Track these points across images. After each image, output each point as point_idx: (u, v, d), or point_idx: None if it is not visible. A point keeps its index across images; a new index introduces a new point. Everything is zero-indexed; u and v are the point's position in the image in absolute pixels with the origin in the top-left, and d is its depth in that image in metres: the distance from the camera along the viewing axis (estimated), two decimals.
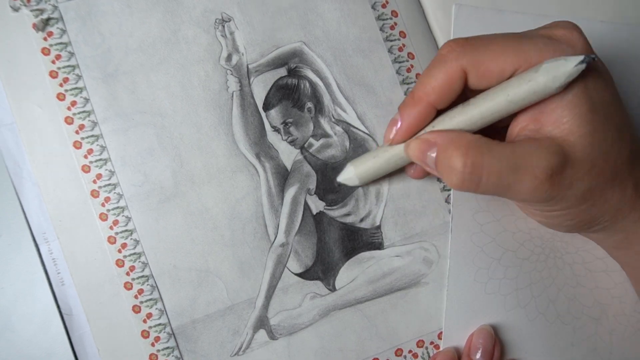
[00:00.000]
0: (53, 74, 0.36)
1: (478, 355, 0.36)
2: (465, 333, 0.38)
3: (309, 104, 0.39)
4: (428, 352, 0.38)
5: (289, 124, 0.38)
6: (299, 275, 0.38)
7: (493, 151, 0.29)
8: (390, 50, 0.40)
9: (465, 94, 0.32)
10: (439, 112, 0.32)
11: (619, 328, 0.39)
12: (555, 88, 0.28)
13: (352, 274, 0.38)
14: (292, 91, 0.38)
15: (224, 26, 0.38)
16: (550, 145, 0.29)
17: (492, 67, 0.30)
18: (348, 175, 0.36)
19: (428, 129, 0.32)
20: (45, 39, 0.36)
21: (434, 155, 0.31)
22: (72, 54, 0.36)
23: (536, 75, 0.28)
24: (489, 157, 0.29)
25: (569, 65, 0.28)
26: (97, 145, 0.36)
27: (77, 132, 0.36)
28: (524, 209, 0.36)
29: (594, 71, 0.30)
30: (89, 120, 0.36)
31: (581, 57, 0.28)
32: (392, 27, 0.40)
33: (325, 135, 0.39)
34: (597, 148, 0.30)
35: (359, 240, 0.38)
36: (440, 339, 0.38)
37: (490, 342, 0.37)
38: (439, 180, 0.39)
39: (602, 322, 0.39)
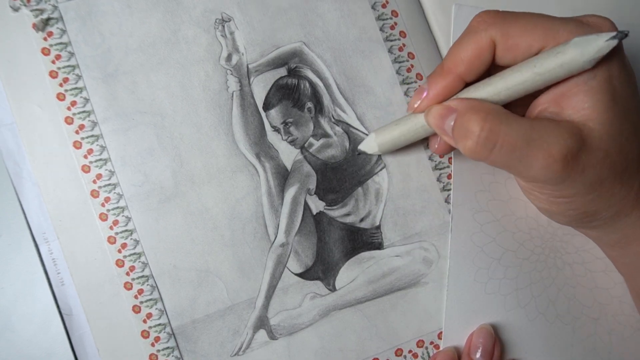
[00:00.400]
0: (53, 74, 0.36)
1: (478, 355, 0.36)
2: (465, 333, 0.38)
3: (309, 104, 0.39)
4: (428, 352, 0.38)
5: (289, 124, 0.38)
6: (299, 275, 0.38)
7: (511, 121, 0.29)
8: (390, 50, 0.40)
9: (490, 72, 0.32)
10: (466, 86, 0.32)
11: (618, 328, 0.39)
12: (583, 62, 0.28)
13: (352, 274, 0.38)
14: (292, 91, 0.38)
15: (224, 26, 0.38)
16: (568, 127, 0.29)
17: (521, 41, 0.30)
18: (369, 144, 0.36)
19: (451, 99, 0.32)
20: (45, 39, 0.36)
21: (452, 123, 0.31)
22: (72, 54, 0.36)
23: (565, 48, 0.28)
24: (506, 126, 0.29)
25: (600, 40, 0.27)
26: (97, 145, 0.36)
27: (77, 132, 0.36)
28: (529, 192, 0.35)
29: (620, 62, 0.30)
30: (89, 120, 0.36)
31: (613, 33, 0.27)
32: (392, 27, 0.40)
33: (325, 135, 0.39)
34: (613, 139, 0.29)
35: (359, 240, 0.38)
36: (440, 338, 0.38)
37: (490, 341, 0.37)
38: (439, 180, 0.39)
39: (602, 322, 0.39)
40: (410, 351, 0.38)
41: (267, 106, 0.38)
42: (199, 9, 0.38)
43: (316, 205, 0.38)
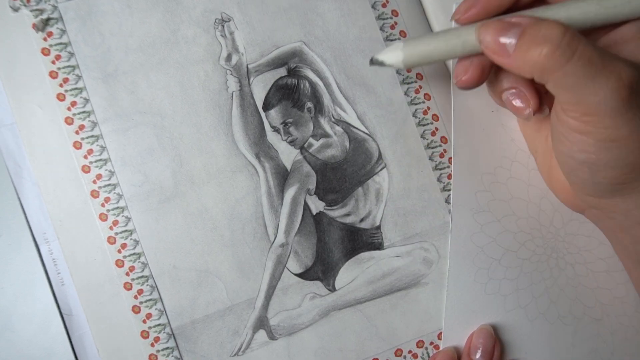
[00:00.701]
0: (53, 74, 0.36)
1: (478, 355, 0.36)
2: (465, 333, 0.38)
3: (309, 104, 0.39)
4: (428, 353, 0.38)
5: (289, 124, 0.38)
6: (299, 275, 0.37)
7: (587, 39, 0.28)
8: None
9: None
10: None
11: (620, 329, 0.39)
12: None
13: (352, 274, 0.38)
14: (291, 91, 0.38)
15: (223, 26, 0.38)
16: (630, 62, 0.28)
17: None
18: (394, 53, 0.31)
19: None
20: (45, 39, 0.36)
21: (512, 40, 0.29)
22: (72, 54, 0.36)
23: None
24: (584, 40, 0.28)
25: None
26: (97, 145, 0.36)
27: (77, 133, 0.36)
28: (570, 140, 0.31)
29: None
30: (89, 121, 0.36)
31: None
32: (392, 27, 0.40)
33: (325, 135, 0.39)
34: None
35: (359, 240, 0.38)
36: (440, 339, 0.38)
37: (490, 341, 0.37)
38: (439, 180, 0.39)
39: (604, 323, 0.39)
40: (410, 351, 0.38)
41: (266, 106, 0.38)
42: (199, 9, 0.38)
43: (316, 205, 0.38)
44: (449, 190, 0.39)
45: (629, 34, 0.29)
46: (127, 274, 0.36)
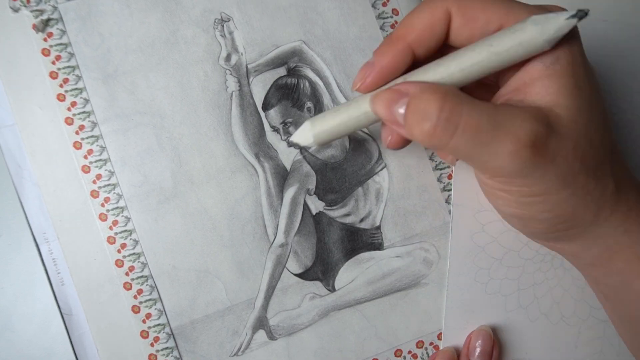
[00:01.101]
0: (53, 75, 0.36)
1: (476, 356, 0.36)
2: (465, 333, 0.37)
3: (309, 104, 0.38)
4: (428, 353, 0.38)
5: (289, 124, 0.38)
6: (299, 275, 0.37)
7: (474, 103, 0.26)
8: None
9: (443, 52, 0.29)
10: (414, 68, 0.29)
11: None
12: (542, 41, 0.26)
13: (352, 275, 0.38)
14: (291, 91, 0.38)
15: (223, 26, 0.38)
16: (536, 112, 0.26)
17: (479, 15, 0.27)
18: (304, 134, 0.31)
19: (399, 80, 0.29)
20: (45, 39, 0.36)
21: (402, 110, 0.27)
22: (72, 54, 0.36)
23: (524, 26, 0.26)
24: (468, 107, 0.26)
25: (560, 18, 0.25)
26: (97, 145, 0.36)
27: (77, 133, 0.36)
28: (494, 193, 0.30)
29: (582, 49, 0.28)
30: (88, 121, 0.36)
31: (572, 12, 0.25)
32: (392, 26, 0.40)
33: None
34: (583, 128, 0.27)
35: (359, 240, 0.38)
36: (440, 339, 0.38)
37: (488, 342, 0.36)
38: (439, 180, 0.39)
39: (611, 325, 0.39)
40: (409, 352, 0.38)
41: (266, 106, 0.38)
42: (198, 9, 0.38)
43: (316, 205, 0.38)
44: (449, 190, 0.39)
45: (535, 73, 0.27)
46: (127, 274, 0.36)
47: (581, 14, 0.26)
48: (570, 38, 0.27)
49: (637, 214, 0.29)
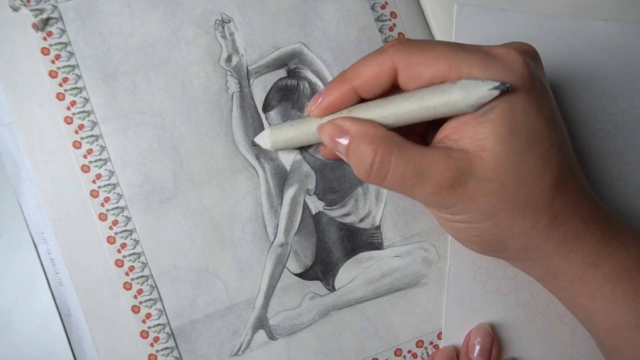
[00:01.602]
0: (52, 74, 0.36)
1: (476, 354, 0.37)
2: (465, 332, 0.38)
3: None
4: (427, 352, 0.38)
5: None
6: (299, 275, 0.38)
7: (403, 151, 0.30)
8: None
9: (394, 92, 0.32)
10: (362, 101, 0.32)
11: None
12: (467, 106, 0.28)
13: (352, 274, 0.38)
14: (291, 92, 0.39)
15: (223, 27, 0.38)
16: (459, 157, 0.29)
17: (423, 72, 0.30)
18: (263, 138, 0.36)
19: (345, 112, 0.32)
20: (44, 38, 0.36)
21: (345, 142, 0.31)
22: (71, 53, 0.36)
23: (452, 88, 0.28)
24: (397, 157, 0.29)
25: (483, 87, 0.27)
26: (97, 145, 0.36)
27: (76, 132, 0.36)
28: (434, 214, 0.34)
29: (527, 94, 0.29)
30: (88, 120, 0.36)
31: (496, 84, 0.27)
32: (391, 29, 0.40)
33: None
34: (511, 171, 0.29)
35: (359, 240, 0.38)
36: (440, 339, 0.38)
37: (488, 340, 0.37)
38: None
39: None
40: (409, 351, 0.38)
41: (266, 108, 0.38)
42: (199, 10, 0.38)
43: (315, 205, 0.38)
44: None
45: (473, 119, 0.29)
46: (127, 274, 0.36)
47: (503, 87, 0.27)
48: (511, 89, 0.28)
49: (575, 240, 0.31)
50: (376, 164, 0.30)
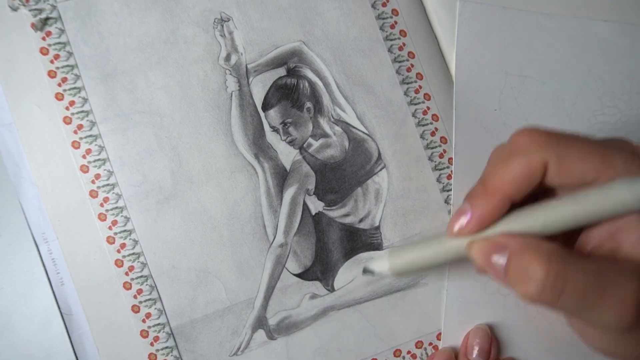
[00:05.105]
0: (51, 74, 0.36)
1: (474, 355, 0.36)
2: (465, 333, 0.38)
3: (308, 104, 0.38)
4: (427, 353, 0.38)
5: (288, 124, 0.38)
6: (298, 275, 0.38)
7: (578, 264, 0.26)
8: (390, 50, 0.39)
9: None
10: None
11: None
12: (635, 205, 0.26)
13: (351, 275, 0.38)
14: (291, 91, 0.38)
15: (222, 26, 0.38)
16: (635, 269, 0.26)
17: (576, 167, 0.27)
18: (380, 264, 0.31)
19: (500, 227, 0.28)
20: (43, 38, 0.36)
21: (503, 261, 0.27)
22: (70, 53, 0.36)
23: (620, 186, 0.26)
24: (574, 270, 0.26)
25: None
26: (96, 145, 0.36)
27: (75, 132, 0.36)
28: (587, 334, 0.30)
29: None
30: (87, 120, 0.36)
31: None
32: (392, 26, 0.40)
33: (325, 135, 0.38)
34: None
35: (358, 240, 0.38)
36: (439, 339, 0.38)
37: (486, 341, 0.37)
38: (438, 180, 0.39)
39: None
40: (409, 352, 0.38)
41: (266, 106, 0.38)
42: (198, 9, 0.38)
43: (315, 205, 0.38)
44: (449, 190, 0.39)
45: (630, 223, 0.27)
46: (127, 274, 0.36)
47: None
48: None
49: None
50: (551, 278, 0.26)
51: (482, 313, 0.38)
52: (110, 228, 0.36)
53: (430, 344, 0.38)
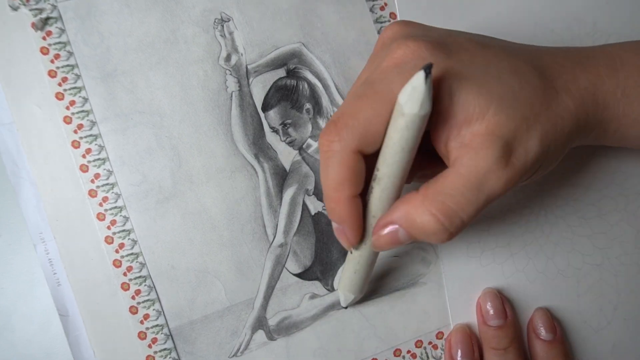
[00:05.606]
0: (52, 74, 0.36)
1: (493, 319, 0.37)
2: (472, 308, 0.38)
3: (308, 105, 0.39)
4: (427, 353, 0.38)
5: (288, 125, 0.38)
6: (298, 275, 0.38)
7: (447, 189, 0.27)
8: None
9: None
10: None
11: (622, 269, 0.39)
12: (424, 115, 0.26)
13: None
14: (290, 92, 0.39)
15: (223, 26, 0.38)
16: (483, 141, 0.27)
17: (375, 127, 0.28)
18: (348, 300, 0.35)
19: (369, 219, 0.30)
20: (44, 38, 0.36)
21: (402, 233, 0.29)
22: (71, 53, 0.36)
23: (399, 107, 0.26)
24: (450, 198, 0.27)
25: (419, 89, 0.25)
26: (96, 144, 0.36)
27: (75, 132, 0.36)
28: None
29: (450, 60, 0.28)
30: (87, 120, 0.36)
31: (422, 74, 0.24)
32: None
33: None
34: (516, 109, 0.28)
35: None
36: (439, 338, 0.38)
37: (498, 301, 0.37)
38: None
39: (605, 267, 0.39)
40: (408, 351, 0.38)
41: (265, 107, 0.38)
42: (198, 9, 0.38)
43: (314, 205, 0.38)
44: None
45: (444, 113, 0.28)
46: (125, 274, 0.36)
47: (427, 70, 0.25)
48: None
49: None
50: (442, 218, 0.27)
51: (483, 285, 0.38)
52: (109, 228, 0.36)
53: (430, 343, 0.38)
